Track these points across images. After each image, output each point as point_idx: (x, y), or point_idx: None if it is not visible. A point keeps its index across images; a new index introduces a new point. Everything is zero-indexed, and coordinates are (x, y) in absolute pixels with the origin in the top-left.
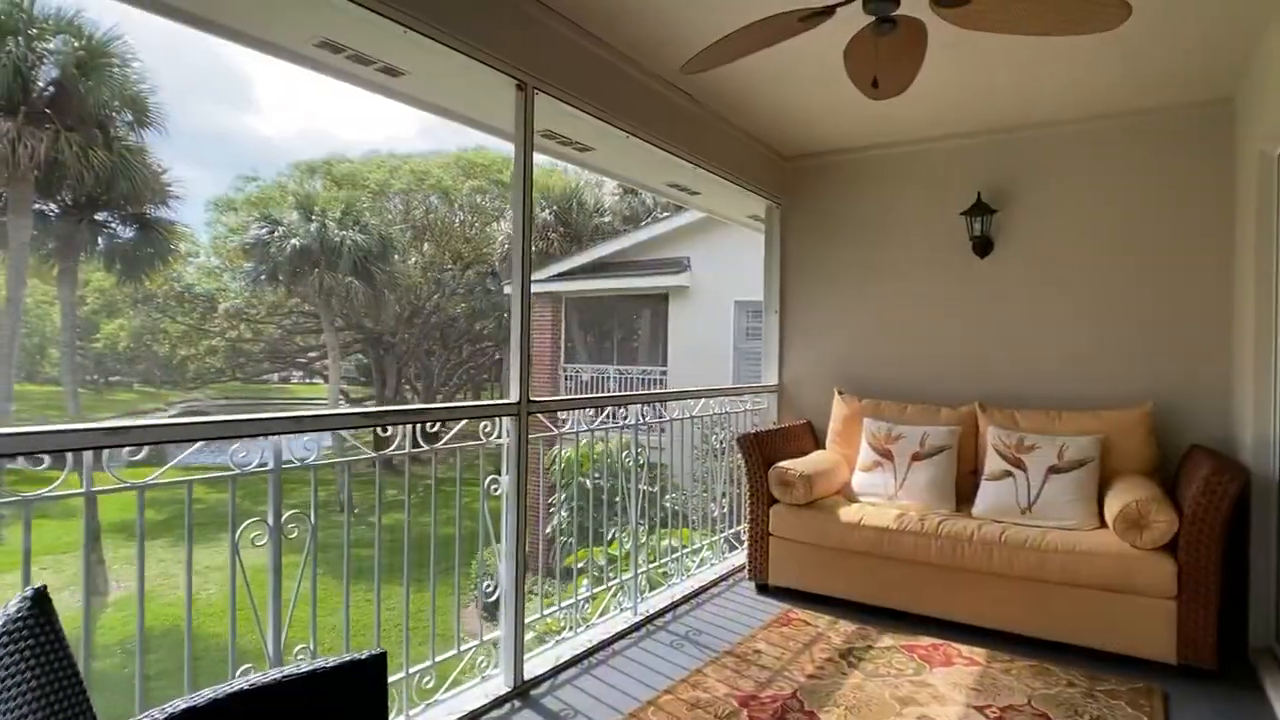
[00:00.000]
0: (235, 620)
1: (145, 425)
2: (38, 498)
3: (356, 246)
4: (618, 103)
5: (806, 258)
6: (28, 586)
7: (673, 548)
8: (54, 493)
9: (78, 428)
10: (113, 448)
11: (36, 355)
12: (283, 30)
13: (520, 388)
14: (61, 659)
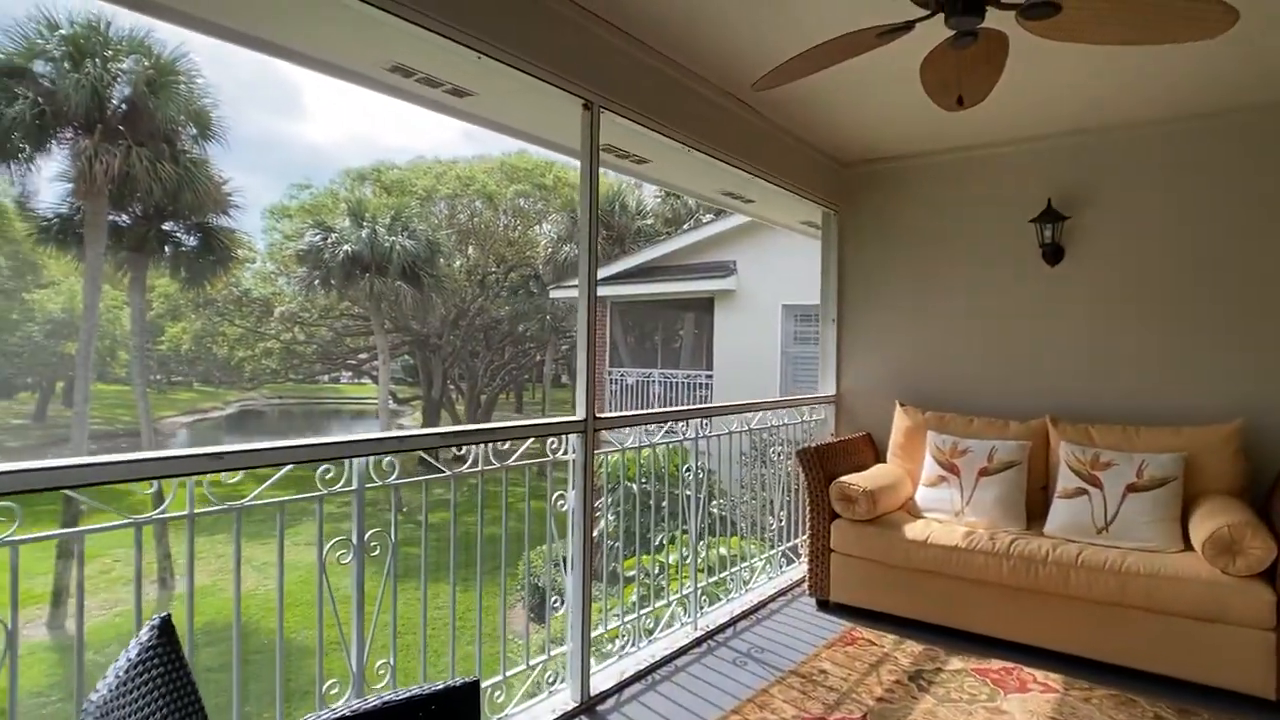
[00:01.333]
0: (322, 638)
1: (242, 450)
2: (149, 520)
3: (405, 251)
4: (679, 117)
5: (865, 265)
6: (155, 615)
7: (723, 556)
8: (163, 514)
9: (184, 454)
10: (215, 472)
11: (107, 357)
12: (358, 57)
13: (586, 405)
14: (187, 685)
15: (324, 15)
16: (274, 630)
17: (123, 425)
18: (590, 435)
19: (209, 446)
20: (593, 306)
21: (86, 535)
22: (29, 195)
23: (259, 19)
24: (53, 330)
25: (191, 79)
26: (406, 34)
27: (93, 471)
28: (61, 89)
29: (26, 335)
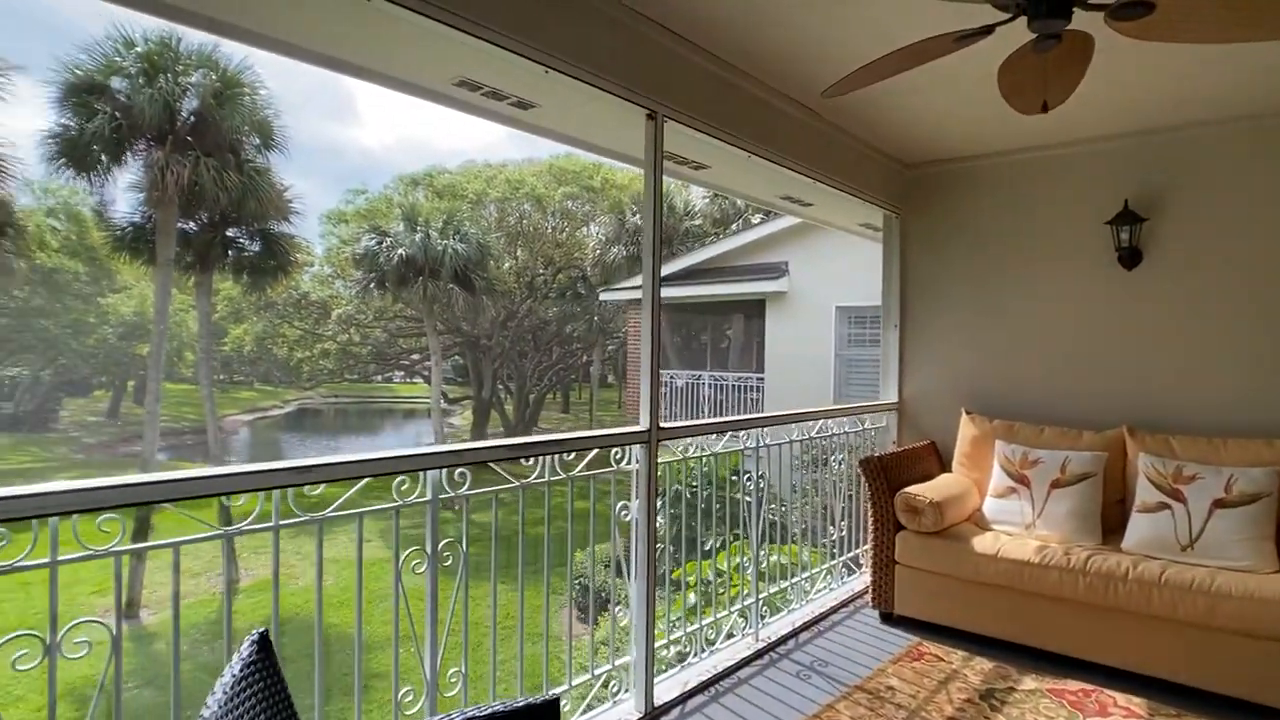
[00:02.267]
0: (398, 648)
1: (325, 464)
2: (238, 531)
3: (457, 255)
4: (741, 123)
5: (929, 269)
6: (254, 630)
7: (780, 564)
8: (250, 526)
9: (270, 468)
10: (301, 485)
11: (175, 358)
12: (426, 73)
13: (650, 416)
14: (284, 697)
15: (396, 34)
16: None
17: (188, 423)
18: (654, 446)
19: (295, 460)
20: (657, 315)
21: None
22: (106, 205)
23: (331, 39)
24: (125, 332)
25: (255, 90)
26: (476, 50)
27: (198, 484)
28: (136, 103)
29: (102, 338)
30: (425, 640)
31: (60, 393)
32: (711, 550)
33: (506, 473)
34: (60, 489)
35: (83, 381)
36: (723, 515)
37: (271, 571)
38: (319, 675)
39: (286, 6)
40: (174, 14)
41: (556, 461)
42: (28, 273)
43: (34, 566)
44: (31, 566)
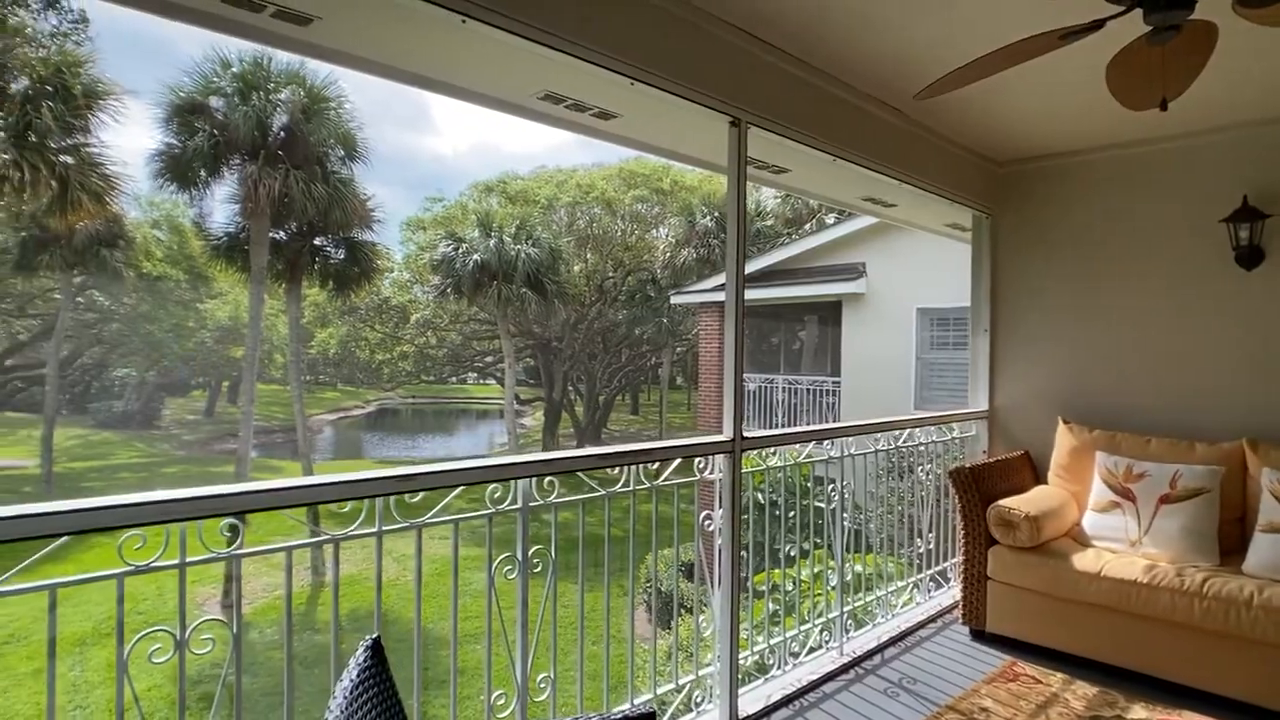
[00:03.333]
0: (490, 648)
1: (425, 473)
2: (345, 536)
3: (530, 259)
4: (825, 127)
5: (1022, 270)
6: (368, 637)
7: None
8: (357, 531)
9: (375, 476)
10: (403, 493)
11: (265, 360)
12: (511, 88)
13: (734, 425)
14: (395, 701)
15: (485, 53)
16: (411, 620)
17: (278, 422)
18: (737, 456)
19: (398, 469)
20: (740, 323)
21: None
22: (204, 217)
23: (425, 60)
24: (221, 336)
25: (340, 105)
26: (563, 65)
27: (316, 491)
28: (232, 121)
29: (200, 341)
30: (516, 645)
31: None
32: (786, 558)
33: (592, 480)
34: (191, 495)
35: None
36: (799, 523)
37: (375, 575)
38: (417, 680)
39: (385, 32)
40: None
41: (641, 470)
42: (136, 281)
43: (166, 567)
44: (164, 567)
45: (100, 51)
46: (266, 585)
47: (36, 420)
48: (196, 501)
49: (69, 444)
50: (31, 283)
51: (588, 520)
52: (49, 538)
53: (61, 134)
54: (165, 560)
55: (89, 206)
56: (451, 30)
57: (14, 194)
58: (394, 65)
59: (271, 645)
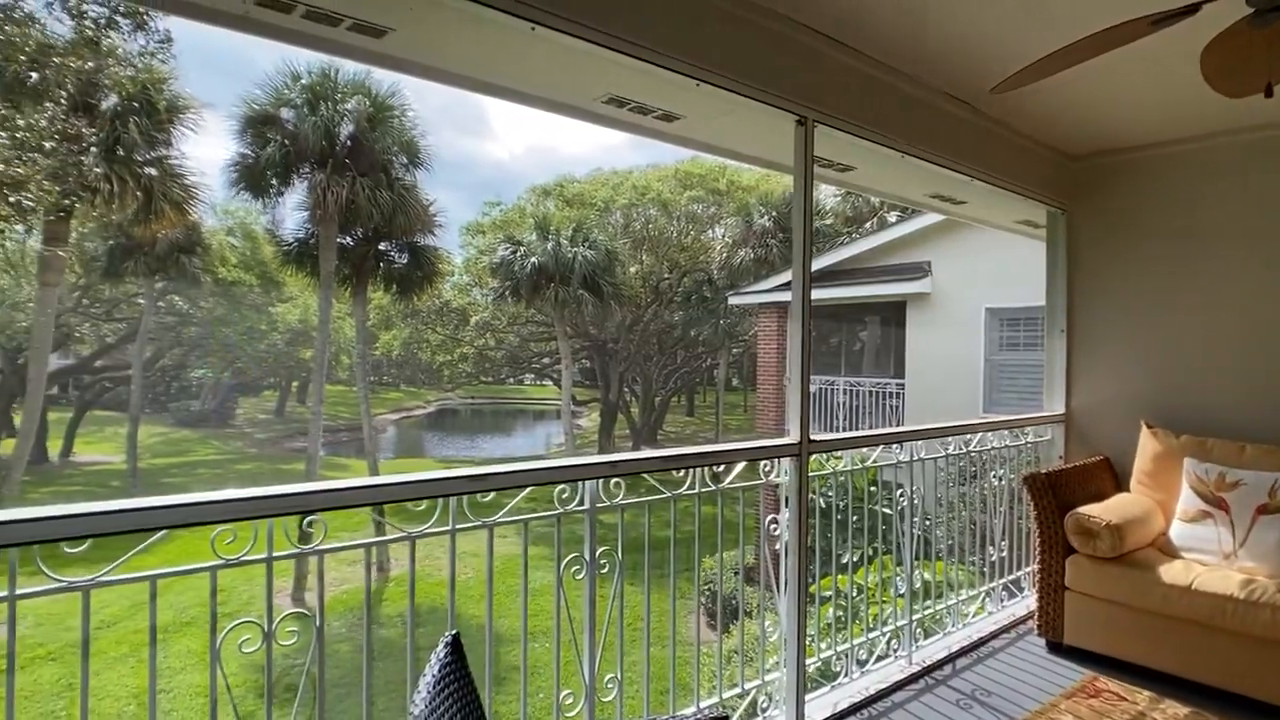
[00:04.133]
0: (559, 647)
1: (497, 473)
2: (420, 534)
3: (586, 261)
4: (893, 123)
5: (1101, 269)
6: (447, 634)
7: (928, 583)
8: (431, 530)
9: (449, 476)
10: (475, 492)
11: (333, 362)
12: (575, 91)
13: (801, 428)
14: (474, 695)
15: (552, 58)
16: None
17: (343, 421)
18: (804, 459)
19: (470, 469)
20: (807, 325)
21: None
22: (276, 223)
23: (491, 66)
24: (291, 339)
25: (403, 113)
26: (628, 68)
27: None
28: (302, 131)
29: (271, 343)
30: (584, 646)
31: (236, 392)
32: (850, 564)
33: (655, 481)
34: (281, 492)
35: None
36: (861, 527)
37: (448, 572)
38: (488, 678)
39: (455, 42)
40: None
41: (705, 473)
42: (212, 285)
43: (255, 561)
44: (253, 561)
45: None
46: (333, 580)
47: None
48: (285, 499)
49: (151, 441)
50: (118, 288)
51: (645, 522)
52: (148, 531)
53: (146, 147)
54: (254, 554)
55: (170, 215)
56: (520, 37)
57: (104, 205)
58: (463, 73)
59: (338, 638)
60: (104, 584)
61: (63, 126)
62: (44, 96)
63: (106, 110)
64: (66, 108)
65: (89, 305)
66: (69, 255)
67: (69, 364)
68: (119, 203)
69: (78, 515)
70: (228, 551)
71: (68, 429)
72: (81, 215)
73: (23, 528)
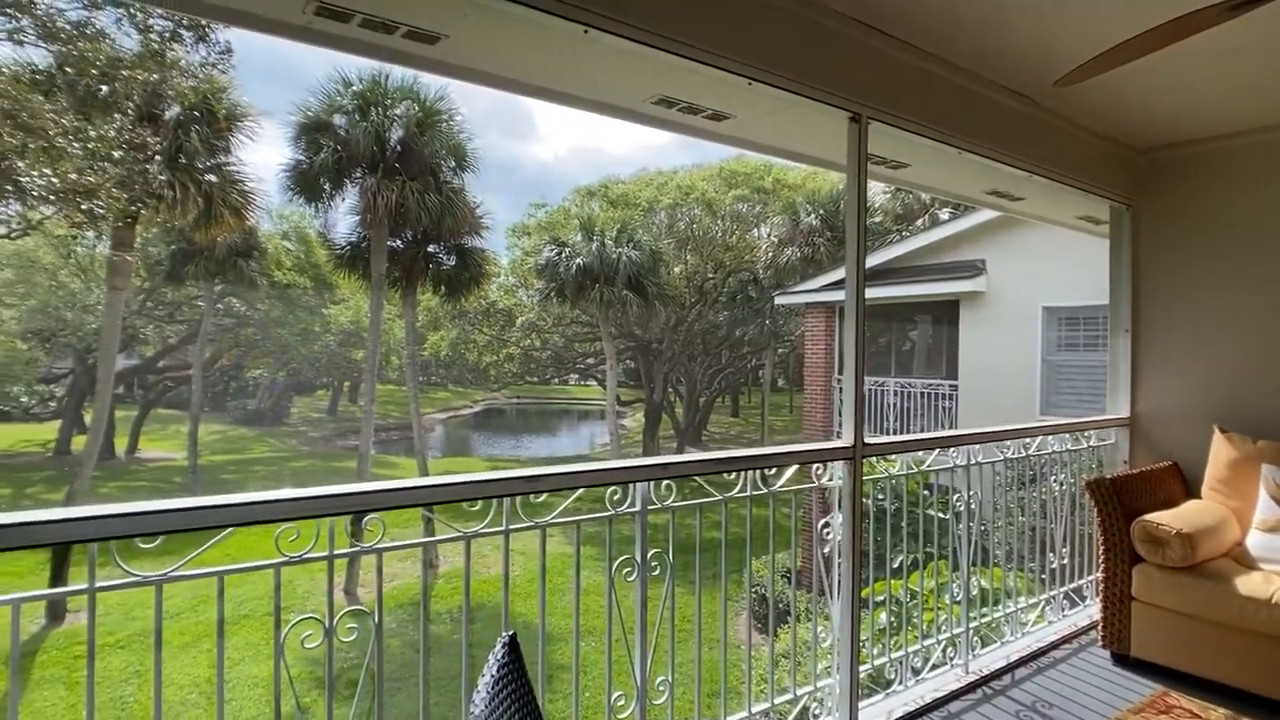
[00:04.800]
0: (610, 648)
1: (551, 474)
2: (474, 534)
3: (631, 262)
4: (948, 119)
5: (1169, 266)
6: (505, 634)
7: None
8: (486, 530)
9: (505, 476)
10: (529, 493)
11: (382, 362)
12: (624, 93)
13: (855, 431)
14: (531, 697)
15: (603, 61)
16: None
17: (393, 420)
18: (858, 463)
19: (525, 470)
20: (861, 325)
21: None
22: (329, 227)
23: (544, 71)
24: (343, 340)
25: (451, 117)
26: (677, 68)
27: (443, 491)
28: (353, 137)
29: (325, 344)
30: (635, 648)
31: (291, 392)
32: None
33: (707, 484)
34: (343, 491)
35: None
36: (913, 531)
37: (502, 572)
38: (541, 679)
39: (507, 46)
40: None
41: (757, 475)
42: (268, 288)
43: (317, 559)
44: (315, 559)
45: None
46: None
47: (183, 417)
48: (347, 498)
49: (210, 439)
50: (180, 291)
51: (697, 524)
52: (217, 528)
53: (207, 155)
54: (316, 552)
55: (229, 220)
56: (572, 40)
57: (167, 211)
58: (513, 77)
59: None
60: (175, 579)
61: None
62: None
63: (170, 120)
64: (133, 118)
65: (153, 308)
66: (135, 260)
67: (134, 364)
68: (181, 209)
69: (152, 512)
70: (291, 549)
71: (133, 426)
72: (146, 221)
73: (102, 523)
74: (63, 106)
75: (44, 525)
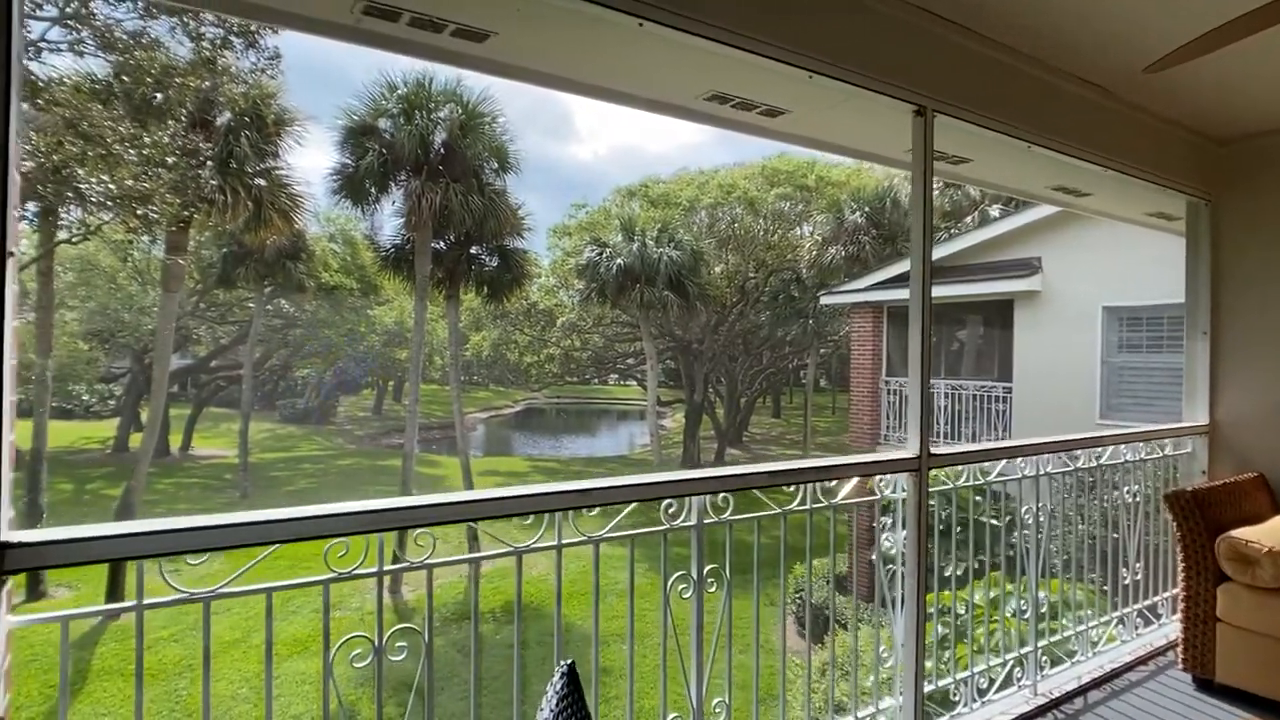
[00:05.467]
0: (666, 668)
1: (604, 487)
2: (527, 549)
3: (671, 262)
4: (1020, 111)
5: (1254, 263)
6: (562, 662)
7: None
8: (538, 545)
9: (556, 490)
10: (580, 508)
11: (426, 362)
12: (676, 89)
13: (921, 440)
14: None
15: (655, 56)
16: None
17: (436, 419)
18: (924, 474)
19: (575, 483)
20: (927, 324)
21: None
22: (375, 230)
23: (586, 65)
24: (388, 340)
25: (494, 119)
26: (734, 62)
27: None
28: (398, 140)
29: (370, 345)
30: (691, 669)
31: (337, 391)
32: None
33: (764, 496)
34: (394, 506)
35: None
36: (965, 539)
37: (555, 587)
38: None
39: (557, 43)
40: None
41: (818, 488)
42: (315, 290)
43: (367, 575)
44: (366, 575)
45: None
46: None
47: (235, 415)
48: (397, 513)
49: (260, 437)
50: (231, 293)
51: (755, 541)
52: (264, 545)
53: (256, 159)
54: (365, 568)
55: (278, 223)
56: (624, 35)
57: (218, 215)
58: (563, 75)
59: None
60: (223, 595)
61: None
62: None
63: (221, 125)
64: (186, 124)
65: (205, 309)
66: (187, 263)
67: (188, 364)
68: (232, 212)
69: (199, 529)
70: (340, 564)
71: (187, 424)
72: (199, 225)
73: (147, 540)
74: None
75: (95, 542)
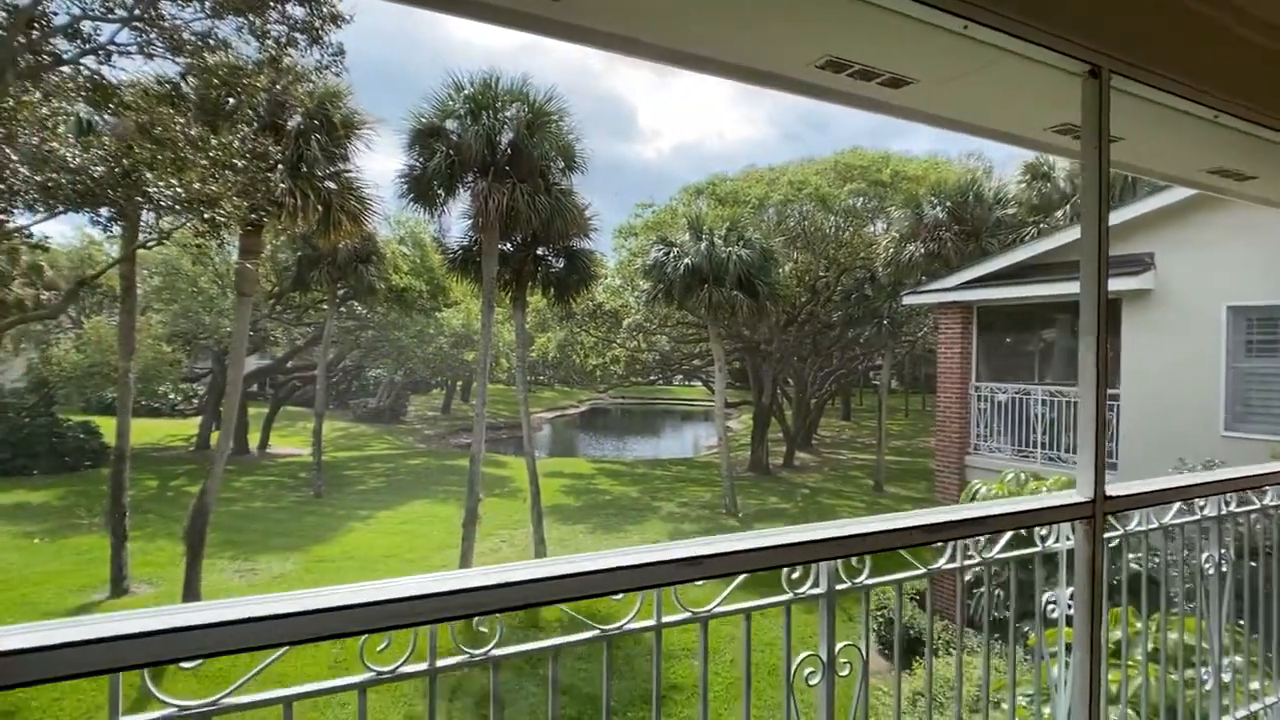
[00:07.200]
0: None
1: (711, 555)
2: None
3: (741, 261)
4: (1208, 73)
5: None
6: None
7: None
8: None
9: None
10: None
11: (492, 364)
12: (785, 57)
13: (1095, 478)
14: None
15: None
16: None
17: (502, 419)
18: (1099, 521)
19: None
20: (1103, 333)
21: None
22: (443, 232)
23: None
24: (456, 341)
25: (561, 118)
26: (861, 15)
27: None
28: (465, 141)
29: (438, 346)
30: None
31: (407, 391)
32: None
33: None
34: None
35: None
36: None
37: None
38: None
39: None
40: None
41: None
42: (386, 292)
43: (415, 674)
44: (413, 675)
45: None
46: None
47: (310, 414)
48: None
49: (333, 435)
50: (305, 295)
51: (897, 610)
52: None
53: (326, 162)
54: (413, 665)
55: (348, 227)
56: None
57: (289, 218)
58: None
59: None
60: (228, 709)
61: (253, 145)
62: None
63: (291, 129)
64: (255, 127)
65: (282, 311)
66: (258, 266)
67: (266, 364)
68: (303, 216)
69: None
70: (379, 661)
71: (264, 423)
72: (271, 229)
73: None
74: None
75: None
